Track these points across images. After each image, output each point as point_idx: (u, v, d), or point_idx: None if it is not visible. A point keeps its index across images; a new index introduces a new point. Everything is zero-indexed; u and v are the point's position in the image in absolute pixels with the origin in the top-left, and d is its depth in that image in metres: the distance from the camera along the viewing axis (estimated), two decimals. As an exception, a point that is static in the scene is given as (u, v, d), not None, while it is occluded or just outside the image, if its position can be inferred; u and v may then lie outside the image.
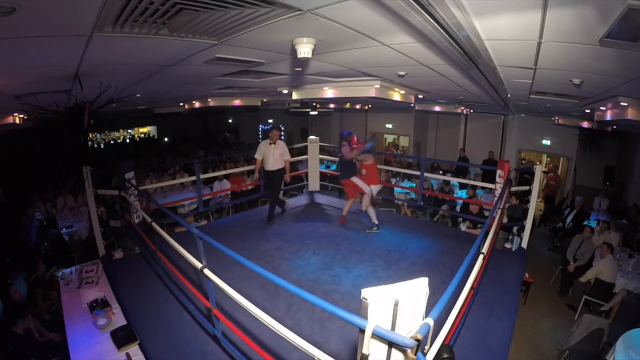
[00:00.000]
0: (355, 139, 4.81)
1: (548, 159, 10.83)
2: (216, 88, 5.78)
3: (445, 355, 1.74)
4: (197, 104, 8.51)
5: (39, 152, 9.48)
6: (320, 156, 6.69)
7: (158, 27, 2.05)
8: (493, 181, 4.97)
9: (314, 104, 8.57)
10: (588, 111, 5.34)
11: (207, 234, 2.33)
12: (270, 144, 4.94)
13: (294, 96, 6.13)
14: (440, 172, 9.66)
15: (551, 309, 5.16)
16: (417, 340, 1.15)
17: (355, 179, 4.85)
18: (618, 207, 8.15)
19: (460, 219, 6.19)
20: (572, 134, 9.07)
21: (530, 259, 4.82)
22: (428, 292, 1.34)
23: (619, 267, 4.97)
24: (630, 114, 3.69)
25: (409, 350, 1.20)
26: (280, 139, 5.05)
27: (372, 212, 4.90)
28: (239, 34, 2.24)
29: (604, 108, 4.18)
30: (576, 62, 2.50)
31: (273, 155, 4.96)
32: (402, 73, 3.85)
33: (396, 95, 5.30)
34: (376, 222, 4.89)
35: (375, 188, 4.90)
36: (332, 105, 10.90)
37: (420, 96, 6.62)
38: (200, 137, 16.12)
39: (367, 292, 1.22)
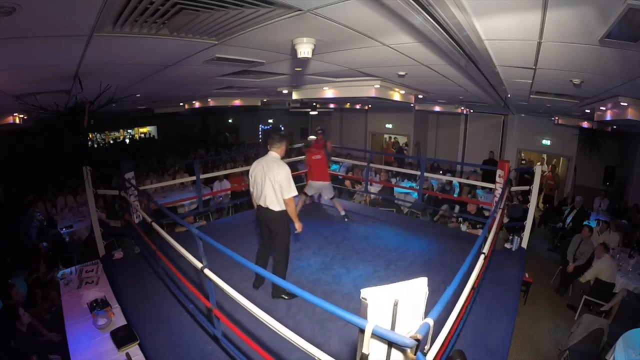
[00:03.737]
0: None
1: (554, 160, 10.64)
2: (216, 88, 5.77)
3: None
4: (197, 104, 8.50)
5: (39, 152, 9.50)
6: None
7: (158, 27, 2.05)
8: (493, 181, 4.97)
9: (314, 104, 8.57)
10: (588, 111, 5.34)
11: (207, 234, 2.32)
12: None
13: (294, 96, 6.13)
14: (441, 172, 9.66)
15: (551, 309, 5.16)
16: (417, 340, 1.15)
17: None
18: (618, 207, 8.15)
19: (460, 219, 6.19)
20: (572, 134, 9.06)
21: (530, 259, 4.82)
22: (427, 292, 1.34)
23: (619, 267, 4.96)
24: (630, 114, 3.69)
25: (408, 350, 1.20)
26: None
27: (338, 205, 5.33)
28: (239, 34, 2.24)
29: (604, 108, 4.18)
30: (576, 62, 2.50)
31: None
32: (402, 73, 3.85)
33: (396, 95, 5.30)
34: (343, 213, 5.26)
35: (316, 185, 5.09)
36: (332, 105, 10.88)
37: (420, 96, 6.61)
38: (200, 137, 16.12)
39: (366, 292, 1.22)
